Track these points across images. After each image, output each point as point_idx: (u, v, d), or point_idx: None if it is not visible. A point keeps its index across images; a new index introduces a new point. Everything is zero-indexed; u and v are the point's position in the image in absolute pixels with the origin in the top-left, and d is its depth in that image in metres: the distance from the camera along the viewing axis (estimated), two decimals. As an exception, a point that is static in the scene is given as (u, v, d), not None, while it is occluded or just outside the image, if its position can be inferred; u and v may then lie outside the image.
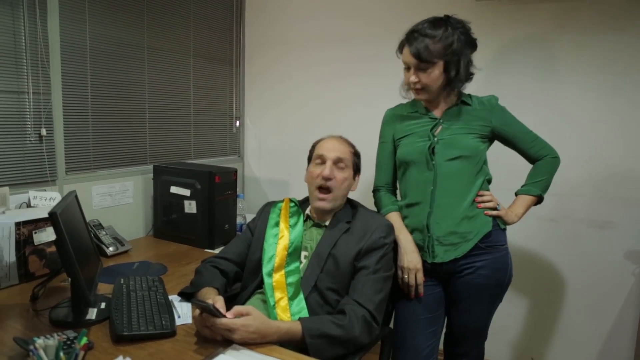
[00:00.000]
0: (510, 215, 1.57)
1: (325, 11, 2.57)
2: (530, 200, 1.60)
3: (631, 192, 2.01)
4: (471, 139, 1.53)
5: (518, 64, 2.14)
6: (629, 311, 2.06)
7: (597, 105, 2.03)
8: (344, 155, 1.49)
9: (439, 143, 1.53)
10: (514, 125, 1.58)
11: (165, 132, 2.39)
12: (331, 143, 1.51)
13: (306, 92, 2.69)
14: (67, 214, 1.29)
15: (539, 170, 1.60)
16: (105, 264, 1.79)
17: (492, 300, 1.60)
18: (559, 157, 1.61)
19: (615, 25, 1.96)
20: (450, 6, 2.19)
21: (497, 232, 1.55)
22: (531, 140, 1.59)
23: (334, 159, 1.47)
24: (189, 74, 2.51)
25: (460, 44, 1.46)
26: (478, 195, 1.55)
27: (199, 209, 2.07)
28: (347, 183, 1.50)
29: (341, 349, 1.25)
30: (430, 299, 1.60)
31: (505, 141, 1.60)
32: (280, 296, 1.36)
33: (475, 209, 1.54)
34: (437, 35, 1.44)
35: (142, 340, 1.17)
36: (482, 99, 1.59)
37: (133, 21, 2.16)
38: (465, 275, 1.54)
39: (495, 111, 1.57)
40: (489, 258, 1.53)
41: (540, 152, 1.59)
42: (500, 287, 1.58)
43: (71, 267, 1.20)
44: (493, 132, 1.57)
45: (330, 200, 1.47)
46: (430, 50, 1.44)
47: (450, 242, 1.52)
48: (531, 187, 1.60)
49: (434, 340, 1.62)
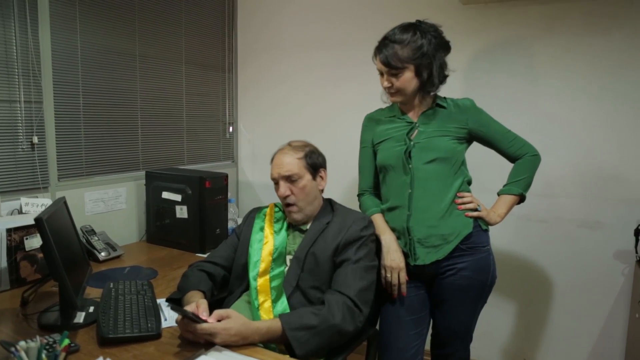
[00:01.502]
0: (493, 216, 1.58)
1: (317, 16, 2.60)
2: (512, 200, 1.61)
3: (620, 192, 2.02)
4: (447, 140, 1.55)
5: (506, 67, 2.17)
6: (620, 310, 2.06)
7: (586, 106, 2.05)
8: (292, 167, 1.47)
9: (415, 147, 1.55)
10: (490, 125, 1.60)
11: (158, 138, 2.42)
12: (279, 160, 1.50)
13: (299, 97, 2.72)
14: (55, 220, 1.31)
15: (519, 169, 1.61)
16: (97, 269, 1.81)
17: (475, 301, 1.60)
18: (539, 154, 1.62)
19: (601, 26, 1.99)
20: (438, 10, 2.24)
21: (478, 233, 1.56)
22: (510, 139, 1.60)
23: (284, 177, 1.48)
24: (182, 81, 2.54)
25: (431, 47, 1.48)
26: (458, 196, 1.56)
27: (190, 214, 2.09)
28: (307, 189, 1.49)
29: (324, 339, 1.25)
30: (414, 301, 1.61)
31: (484, 142, 1.62)
32: (264, 299, 1.38)
33: (455, 210, 1.55)
34: (406, 40, 1.47)
35: (128, 342, 1.19)
36: (457, 102, 1.61)
37: (124, 29, 2.19)
38: (447, 276, 1.55)
39: (471, 113, 1.59)
40: (471, 259, 1.54)
41: (520, 150, 1.60)
42: (483, 289, 1.59)
43: (58, 271, 1.22)
44: (470, 133, 1.59)
45: (297, 211, 1.49)
46: (399, 55, 1.48)
47: (431, 244, 1.53)
48: (512, 186, 1.61)
49: (419, 341, 1.63)
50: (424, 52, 1.48)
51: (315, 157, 1.54)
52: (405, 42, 1.47)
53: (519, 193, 1.60)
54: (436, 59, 1.50)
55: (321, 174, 1.55)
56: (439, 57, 1.51)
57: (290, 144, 1.55)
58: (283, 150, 1.54)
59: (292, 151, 1.52)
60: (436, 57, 1.50)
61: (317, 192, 1.53)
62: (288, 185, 1.47)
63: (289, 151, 1.52)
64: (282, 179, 1.48)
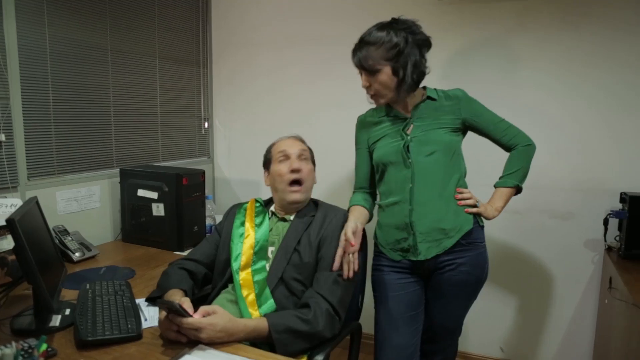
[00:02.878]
0: (490, 210, 1.58)
1: (293, 11, 2.58)
2: (508, 192, 1.61)
3: (589, 184, 2.09)
4: (443, 133, 1.55)
5: (482, 61, 2.20)
6: (590, 296, 2.14)
7: (557, 99, 2.11)
8: (304, 150, 1.57)
9: (412, 141, 1.54)
10: (484, 114, 1.59)
11: (132, 135, 2.36)
12: (290, 141, 1.58)
13: (276, 93, 2.69)
14: (27, 221, 1.27)
15: (513, 160, 1.61)
16: (72, 270, 1.76)
17: (469, 296, 1.62)
18: (533, 143, 1.61)
19: (571, 22, 2.04)
20: (415, 6, 2.25)
21: (477, 229, 1.57)
22: (503, 129, 1.59)
23: (298, 153, 1.53)
24: (155, 76, 2.48)
25: (407, 45, 1.46)
26: (457, 192, 1.56)
27: (167, 211, 2.05)
28: (312, 175, 1.57)
29: (306, 343, 1.27)
30: (412, 296, 1.61)
31: (477, 131, 1.61)
32: (247, 293, 1.37)
33: (456, 205, 1.55)
34: (379, 40, 1.47)
35: (108, 344, 1.16)
36: (448, 93, 1.60)
37: (95, 23, 2.12)
38: (446, 271, 1.55)
39: (463, 103, 1.58)
40: (470, 255, 1.55)
41: (513, 140, 1.59)
42: (478, 284, 1.61)
43: (32, 274, 1.18)
44: (464, 123, 1.59)
45: (303, 191, 1.51)
46: (373, 57, 1.47)
47: (434, 238, 1.53)
48: (507, 179, 1.61)
49: (417, 338, 1.63)
50: (400, 51, 1.46)
51: (312, 155, 1.63)
52: (379, 42, 1.46)
53: (514, 185, 1.60)
54: (412, 57, 1.47)
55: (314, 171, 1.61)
56: (415, 55, 1.48)
57: (293, 136, 1.62)
58: (289, 137, 1.61)
59: (299, 140, 1.61)
60: (412, 55, 1.47)
61: (313, 183, 1.58)
62: (300, 162, 1.52)
63: (297, 139, 1.61)
64: (295, 154, 1.52)
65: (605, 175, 2.06)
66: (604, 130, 2.05)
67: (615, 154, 2.04)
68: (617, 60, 2.00)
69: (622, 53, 1.98)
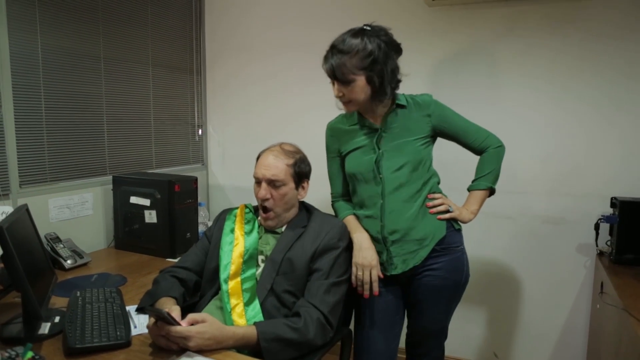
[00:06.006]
0: (465, 213, 1.58)
1: (286, 19, 2.60)
2: (482, 195, 1.61)
3: (581, 189, 2.10)
4: (413, 142, 1.53)
5: (470, 66, 2.22)
6: (582, 301, 2.15)
7: (547, 104, 2.12)
8: (279, 173, 1.45)
9: (383, 155, 1.53)
10: (453, 120, 1.58)
11: (125, 142, 2.37)
12: (267, 160, 1.47)
13: (269, 99, 2.70)
14: (17, 228, 1.27)
15: (485, 163, 1.61)
16: (63, 277, 1.76)
17: (449, 300, 1.62)
18: (503, 145, 1.61)
19: (559, 29, 2.06)
20: (405, 12, 2.27)
21: (452, 233, 1.56)
22: (473, 132, 1.59)
23: (268, 180, 1.45)
24: (148, 83, 2.49)
25: (381, 52, 1.42)
26: (429, 198, 1.55)
27: (159, 218, 2.05)
28: (287, 197, 1.47)
29: (295, 352, 1.27)
30: (390, 303, 1.61)
31: (447, 136, 1.60)
32: (236, 302, 1.36)
33: (427, 212, 1.54)
34: (353, 49, 1.41)
35: (96, 352, 1.16)
36: (416, 99, 1.58)
37: (88, 31, 2.14)
38: (423, 277, 1.55)
39: (432, 109, 1.56)
40: (445, 259, 1.54)
41: (484, 143, 1.59)
42: (458, 288, 1.60)
43: (20, 281, 1.18)
44: (434, 130, 1.57)
45: (272, 218, 1.48)
46: (347, 66, 1.41)
47: (408, 250, 1.52)
48: (480, 181, 1.61)
49: (396, 342, 1.63)
50: (375, 59, 1.41)
51: (304, 166, 1.52)
52: (353, 50, 1.40)
53: (487, 187, 1.60)
54: (387, 65, 1.44)
55: (304, 184, 1.53)
56: (391, 63, 1.46)
57: (282, 147, 1.51)
58: (273, 151, 1.50)
59: (282, 155, 1.48)
60: (387, 63, 1.44)
61: (295, 201, 1.52)
62: (269, 189, 1.45)
63: (279, 154, 1.48)
64: (266, 181, 1.45)
65: (596, 180, 2.07)
66: (594, 135, 2.06)
67: (605, 158, 2.06)
68: (605, 65, 2.01)
69: (610, 58, 2.00)
